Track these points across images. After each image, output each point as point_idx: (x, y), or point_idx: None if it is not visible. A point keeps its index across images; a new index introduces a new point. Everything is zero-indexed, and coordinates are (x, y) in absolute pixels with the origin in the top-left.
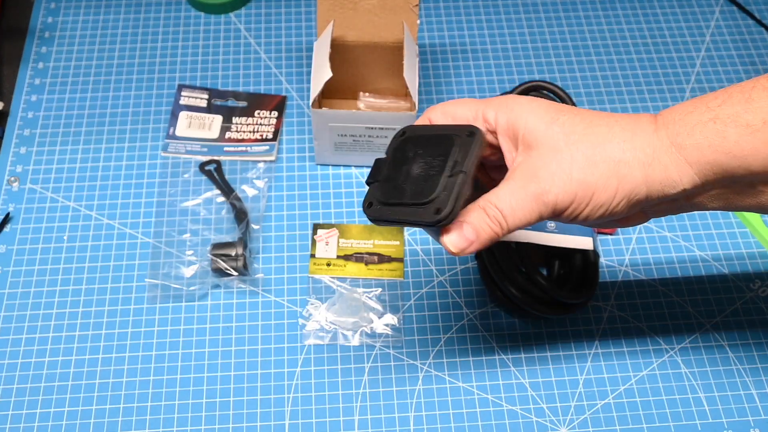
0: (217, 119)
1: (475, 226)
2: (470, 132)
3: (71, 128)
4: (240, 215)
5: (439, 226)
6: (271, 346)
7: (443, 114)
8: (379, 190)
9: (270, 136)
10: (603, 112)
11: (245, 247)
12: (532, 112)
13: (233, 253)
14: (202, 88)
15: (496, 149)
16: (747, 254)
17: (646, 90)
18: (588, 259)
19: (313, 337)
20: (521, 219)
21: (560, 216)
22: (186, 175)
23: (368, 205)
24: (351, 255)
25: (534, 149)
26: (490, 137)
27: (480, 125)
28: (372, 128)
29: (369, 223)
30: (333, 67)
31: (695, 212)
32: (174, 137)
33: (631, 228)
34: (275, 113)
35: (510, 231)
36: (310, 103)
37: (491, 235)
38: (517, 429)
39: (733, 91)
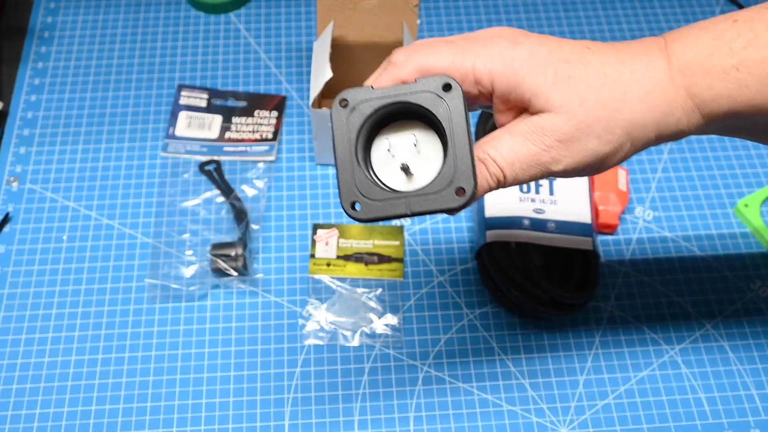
0: (217, 119)
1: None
2: (445, 85)
3: (71, 128)
4: (240, 215)
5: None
6: (271, 346)
7: (417, 71)
8: (356, 184)
9: (270, 136)
10: (611, 51)
11: (245, 247)
12: (537, 69)
13: (233, 253)
14: (202, 88)
15: (474, 98)
16: (747, 254)
17: None
18: (588, 259)
19: (312, 338)
20: (521, 180)
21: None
22: (186, 175)
23: (351, 205)
24: (351, 255)
25: (543, 111)
26: (470, 90)
27: (470, 88)
28: None
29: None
30: (333, 67)
31: (695, 212)
32: (174, 137)
33: (631, 228)
34: (275, 113)
35: (509, 185)
36: (310, 103)
37: (487, 190)
38: (517, 429)
39: (758, 27)
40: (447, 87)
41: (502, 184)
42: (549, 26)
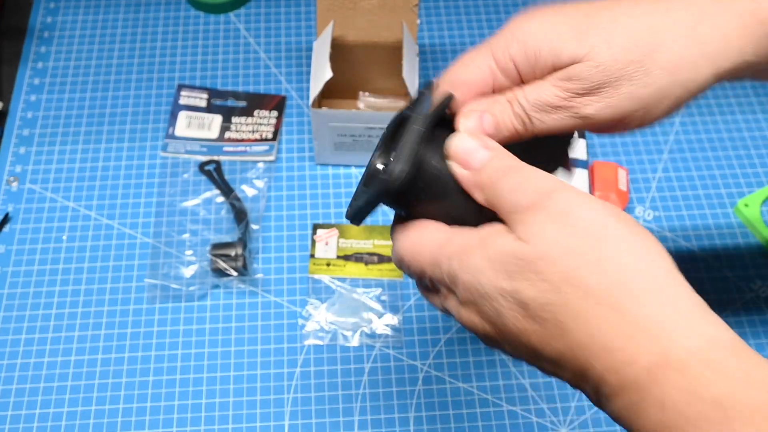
0: (217, 119)
1: (497, 117)
2: (421, 91)
3: (71, 128)
4: (239, 215)
5: (387, 185)
6: (271, 346)
7: (451, 87)
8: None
9: (270, 136)
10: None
11: (245, 247)
12: (553, 29)
13: (233, 253)
14: (202, 88)
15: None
16: (747, 254)
17: None
18: None
19: (312, 338)
20: (548, 125)
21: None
22: (185, 175)
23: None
24: (351, 255)
25: (570, 64)
26: (501, 83)
27: (502, 79)
28: (372, 128)
29: (368, 223)
30: (333, 67)
31: (695, 212)
32: (173, 137)
33: None
34: (275, 113)
35: (537, 130)
36: (310, 103)
37: (513, 132)
38: (517, 429)
39: None
40: (421, 91)
41: (528, 126)
42: None
